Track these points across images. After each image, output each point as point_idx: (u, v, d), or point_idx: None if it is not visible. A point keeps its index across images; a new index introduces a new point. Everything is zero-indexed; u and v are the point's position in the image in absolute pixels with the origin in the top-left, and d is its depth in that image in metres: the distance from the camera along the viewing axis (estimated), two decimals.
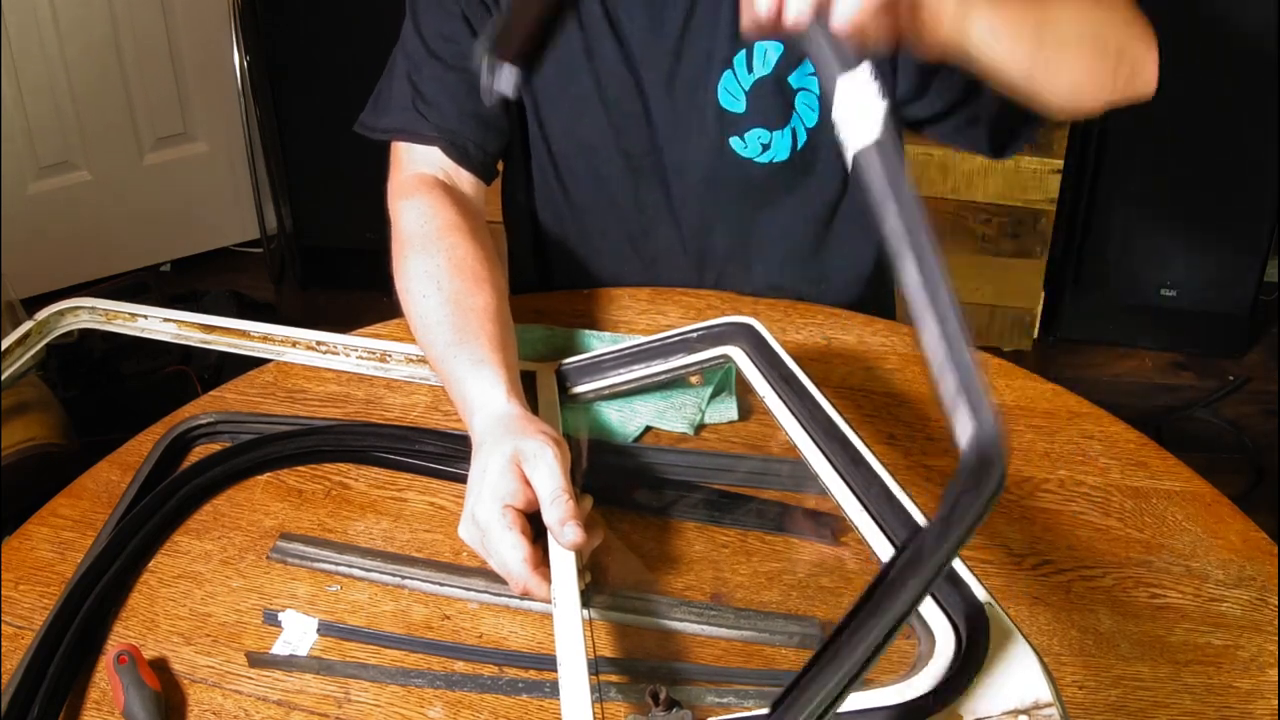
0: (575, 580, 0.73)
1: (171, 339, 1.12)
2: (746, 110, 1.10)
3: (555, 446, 0.78)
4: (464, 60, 1.08)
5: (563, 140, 1.16)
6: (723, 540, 0.88)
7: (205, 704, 0.76)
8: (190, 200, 2.79)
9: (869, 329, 1.13)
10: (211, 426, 1.01)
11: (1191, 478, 0.94)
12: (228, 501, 0.94)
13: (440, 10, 1.09)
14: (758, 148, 1.12)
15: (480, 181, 1.10)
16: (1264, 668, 0.78)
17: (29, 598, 0.85)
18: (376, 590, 0.85)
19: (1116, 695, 0.76)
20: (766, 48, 1.07)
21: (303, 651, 0.80)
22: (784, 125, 1.11)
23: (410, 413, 1.03)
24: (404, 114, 1.08)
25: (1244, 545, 0.87)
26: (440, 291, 0.94)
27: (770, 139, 1.12)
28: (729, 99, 1.10)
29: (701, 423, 1.00)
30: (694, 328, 0.96)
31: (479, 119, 1.09)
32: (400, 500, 0.94)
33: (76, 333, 1.15)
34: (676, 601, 0.83)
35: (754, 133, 1.11)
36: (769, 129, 1.11)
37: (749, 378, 0.91)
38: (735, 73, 1.08)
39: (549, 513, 0.75)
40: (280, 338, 1.10)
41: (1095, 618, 0.81)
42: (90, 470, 0.98)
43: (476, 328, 0.91)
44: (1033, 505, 0.92)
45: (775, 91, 1.09)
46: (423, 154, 1.07)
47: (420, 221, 1.00)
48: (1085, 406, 1.02)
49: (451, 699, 0.76)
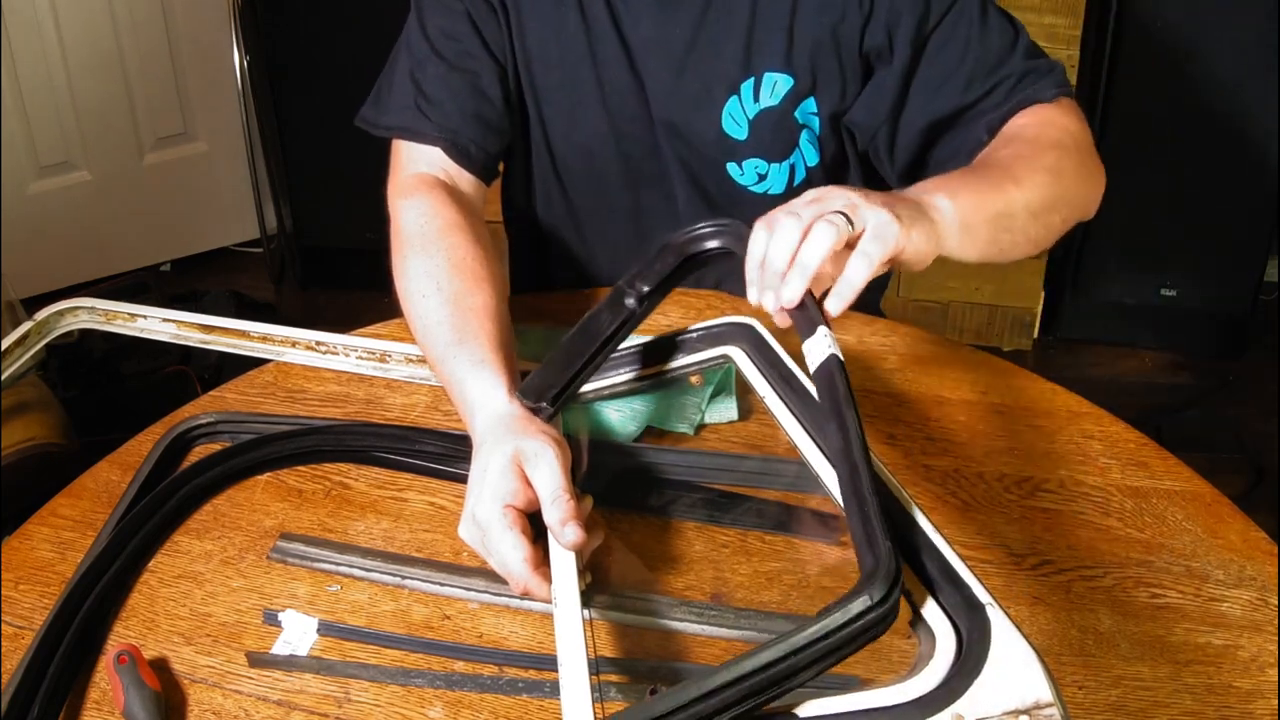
0: (576, 580, 0.73)
1: (171, 339, 1.12)
2: (748, 139, 1.10)
3: (556, 446, 0.78)
4: (467, 59, 1.08)
5: (564, 142, 1.15)
6: (723, 540, 0.88)
7: (205, 704, 0.76)
8: (190, 200, 2.79)
9: (869, 329, 1.13)
10: (211, 426, 1.00)
11: (1191, 478, 0.94)
12: (228, 501, 0.94)
13: (445, 9, 1.08)
14: (754, 177, 1.12)
15: (480, 182, 1.10)
16: (1264, 668, 0.78)
17: (29, 598, 0.85)
18: (376, 590, 0.85)
19: (1116, 695, 0.76)
20: (776, 79, 1.07)
21: (303, 651, 0.80)
22: (783, 159, 1.11)
23: (410, 413, 1.03)
24: (406, 112, 1.08)
25: (1244, 545, 0.87)
26: (440, 292, 0.94)
27: (768, 171, 1.11)
28: (732, 125, 1.09)
29: (701, 423, 1.00)
30: (694, 328, 0.96)
31: (481, 119, 1.08)
32: (400, 500, 0.94)
33: (76, 333, 1.15)
34: (676, 601, 0.83)
35: (752, 162, 1.11)
36: (767, 161, 1.11)
37: (749, 378, 0.91)
38: (741, 100, 1.08)
39: (549, 513, 0.75)
40: (279, 338, 1.10)
41: (1095, 618, 0.81)
42: (90, 470, 0.98)
43: (476, 328, 0.91)
44: (1033, 505, 0.92)
45: (780, 125, 1.09)
46: (424, 153, 1.07)
47: (420, 221, 0.99)
48: (1085, 406, 1.02)
49: (451, 699, 0.76)
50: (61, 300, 1.14)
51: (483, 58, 1.09)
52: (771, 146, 1.10)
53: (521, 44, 1.09)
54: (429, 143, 1.07)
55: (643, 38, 1.07)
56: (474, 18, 1.08)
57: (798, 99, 1.08)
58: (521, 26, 1.08)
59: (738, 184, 1.13)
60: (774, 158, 1.11)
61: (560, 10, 1.07)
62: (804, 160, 1.12)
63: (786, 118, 1.08)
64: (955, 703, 0.56)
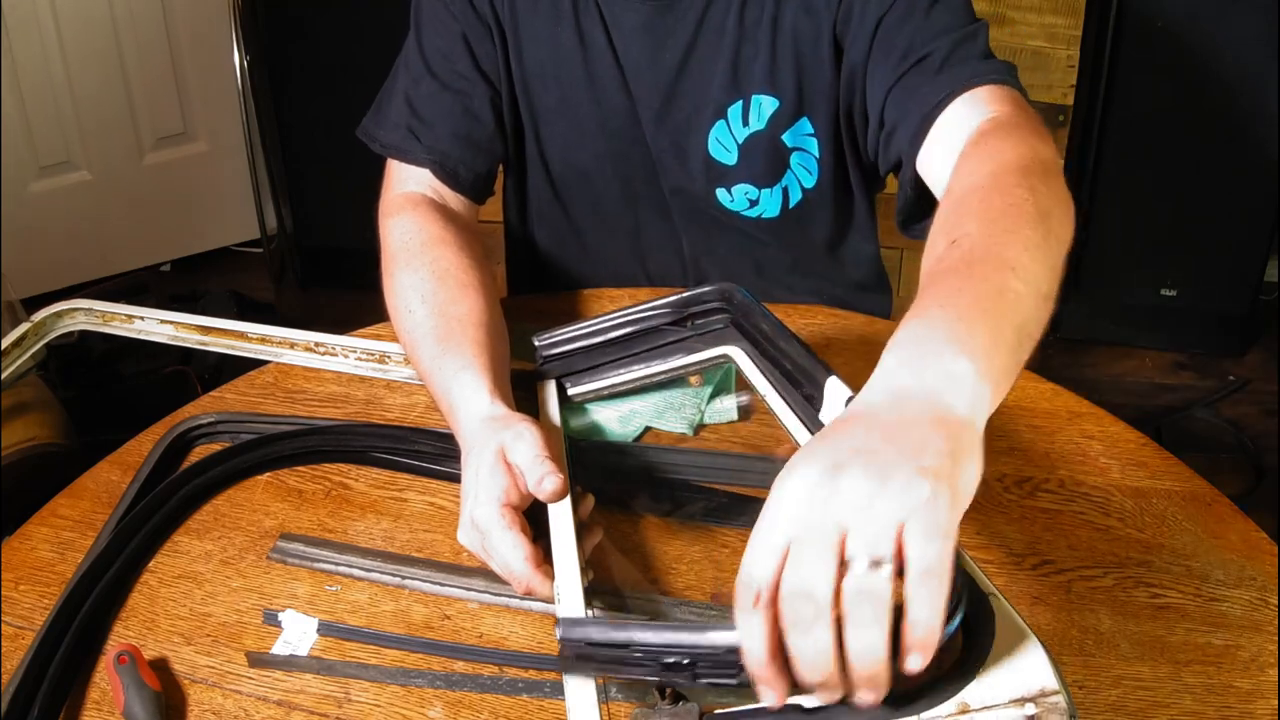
0: (578, 577, 0.73)
1: (168, 340, 1.12)
2: (737, 164, 1.09)
3: (534, 426, 0.79)
4: (460, 80, 1.08)
5: (561, 162, 1.15)
6: (723, 540, 0.88)
7: (205, 704, 0.76)
8: (190, 200, 2.79)
9: (869, 329, 1.13)
10: (211, 426, 1.01)
11: (1191, 478, 0.94)
12: (228, 501, 0.94)
13: (441, 28, 1.08)
14: (744, 202, 1.12)
15: (471, 201, 1.10)
16: (1264, 668, 0.78)
17: (29, 598, 0.85)
18: (376, 590, 0.85)
19: (1116, 695, 0.76)
20: (762, 101, 1.06)
21: (303, 651, 0.80)
22: (774, 184, 1.10)
23: (410, 413, 1.03)
24: (398, 132, 1.08)
25: (1244, 545, 0.87)
26: (425, 304, 0.94)
27: (758, 196, 1.11)
28: (720, 150, 1.09)
29: (701, 423, 1.00)
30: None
31: (471, 142, 1.08)
32: (400, 500, 0.94)
33: (76, 333, 1.15)
34: (676, 601, 0.83)
35: (741, 187, 1.10)
36: (757, 186, 1.10)
37: (749, 377, 0.91)
38: (729, 124, 1.07)
39: (529, 476, 0.76)
40: (278, 339, 1.10)
41: (1095, 618, 0.81)
42: (90, 470, 0.98)
43: (460, 335, 0.91)
44: (1033, 505, 0.92)
45: (768, 148, 1.08)
46: (413, 173, 1.07)
47: (406, 238, 1.00)
48: (1085, 406, 1.02)
49: (451, 699, 0.76)
50: (60, 301, 1.14)
51: (475, 79, 1.09)
52: (761, 171, 1.09)
53: (519, 64, 1.09)
54: (418, 164, 1.07)
55: (635, 62, 1.07)
56: (469, 38, 1.08)
57: (787, 121, 1.06)
58: (519, 47, 1.08)
59: (728, 209, 1.13)
60: (764, 182, 1.10)
61: (557, 32, 1.07)
62: (799, 183, 1.11)
63: (775, 141, 1.07)
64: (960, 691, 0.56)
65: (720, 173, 1.10)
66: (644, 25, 1.05)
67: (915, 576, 0.52)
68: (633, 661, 0.61)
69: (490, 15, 1.07)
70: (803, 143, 1.08)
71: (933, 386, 0.59)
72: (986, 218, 0.74)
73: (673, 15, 1.04)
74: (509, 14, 1.07)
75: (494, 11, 1.07)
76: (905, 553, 0.52)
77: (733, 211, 1.12)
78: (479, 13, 1.07)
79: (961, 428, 0.57)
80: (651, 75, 1.07)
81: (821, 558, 0.52)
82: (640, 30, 1.05)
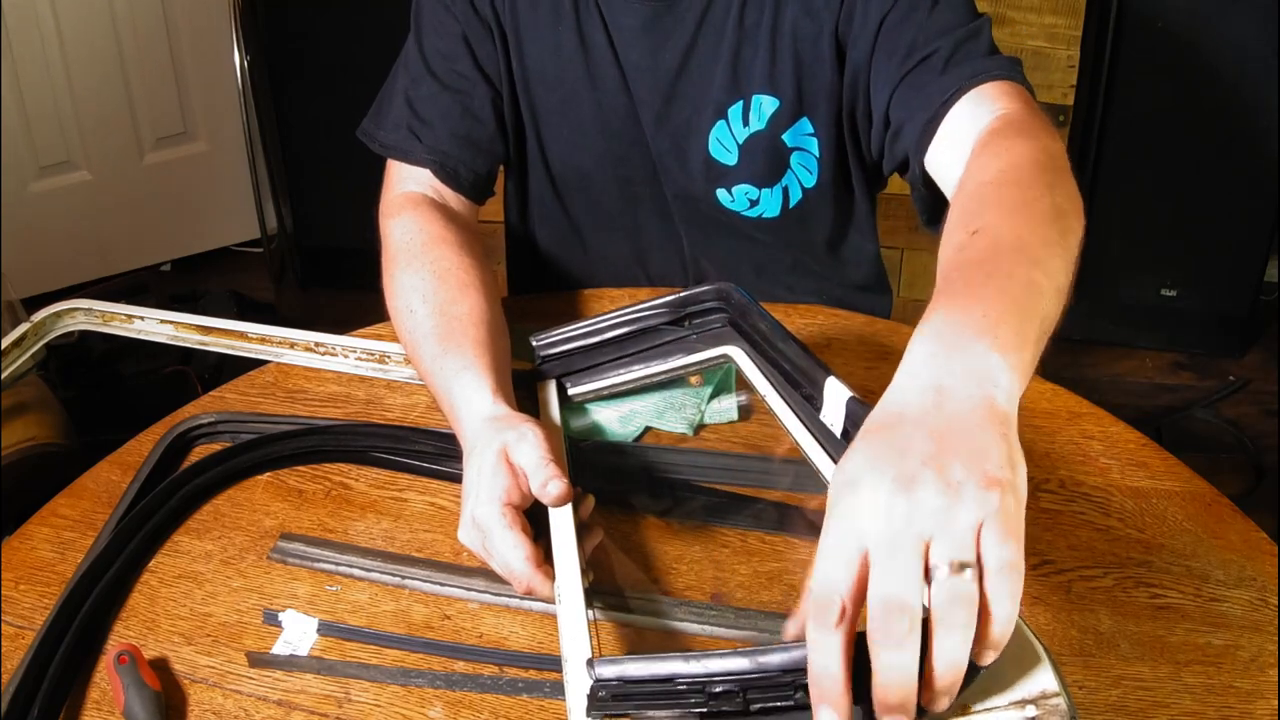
0: (579, 577, 0.73)
1: (168, 340, 1.12)
2: (737, 164, 1.09)
3: (537, 427, 0.79)
4: (460, 80, 1.08)
5: (562, 163, 1.15)
6: (723, 540, 0.88)
7: (205, 704, 0.76)
8: (190, 200, 2.79)
9: (870, 329, 1.13)
10: (211, 426, 1.01)
11: (1191, 478, 0.94)
12: (228, 501, 0.94)
13: (442, 28, 1.08)
14: (745, 203, 1.12)
15: (471, 201, 1.10)
16: (1264, 668, 0.77)
17: (29, 598, 0.85)
18: (377, 590, 0.85)
19: (1116, 695, 0.76)
20: (762, 101, 1.06)
21: (303, 651, 0.80)
22: (774, 183, 1.10)
23: (411, 413, 1.03)
24: (398, 132, 1.08)
25: (1244, 545, 0.87)
26: (426, 304, 0.94)
27: (759, 196, 1.11)
28: (720, 150, 1.09)
29: (701, 423, 1.00)
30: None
31: (471, 142, 1.08)
32: (400, 500, 0.94)
33: (76, 333, 1.15)
34: (676, 601, 0.83)
35: (741, 187, 1.10)
36: (757, 186, 1.10)
37: (749, 377, 0.91)
38: (729, 124, 1.07)
39: (534, 480, 0.76)
40: (277, 339, 1.10)
41: (1095, 618, 0.81)
42: (90, 470, 0.98)
43: (460, 334, 0.91)
44: (1033, 505, 0.92)
45: (768, 148, 1.08)
46: (414, 173, 1.07)
47: (406, 238, 1.00)
48: (1085, 406, 1.02)
49: (451, 699, 0.76)
50: (60, 301, 1.14)
51: (475, 79, 1.09)
52: (762, 171, 1.09)
53: (520, 64, 1.09)
54: (419, 164, 1.07)
55: (635, 63, 1.07)
56: (469, 39, 1.08)
57: (787, 120, 1.06)
58: (520, 47, 1.08)
59: (728, 209, 1.13)
60: (764, 183, 1.10)
61: (558, 33, 1.07)
62: (799, 183, 1.11)
63: (775, 141, 1.07)
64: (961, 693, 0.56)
65: (720, 173, 1.10)
66: (644, 26, 1.05)
67: (995, 574, 0.52)
68: (675, 695, 0.57)
69: (491, 16, 1.07)
70: (803, 143, 1.08)
71: (970, 382, 0.59)
72: (1007, 210, 0.74)
73: (673, 16, 1.04)
74: (510, 15, 1.07)
75: (495, 12, 1.07)
76: (983, 557, 0.52)
77: (733, 211, 1.13)
78: (480, 13, 1.07)
79: (1007, 425, 0.57)
80: (652, 76, 1.07)
81: (911, 568, 0.52)
82: (640, 31, 1.05)
